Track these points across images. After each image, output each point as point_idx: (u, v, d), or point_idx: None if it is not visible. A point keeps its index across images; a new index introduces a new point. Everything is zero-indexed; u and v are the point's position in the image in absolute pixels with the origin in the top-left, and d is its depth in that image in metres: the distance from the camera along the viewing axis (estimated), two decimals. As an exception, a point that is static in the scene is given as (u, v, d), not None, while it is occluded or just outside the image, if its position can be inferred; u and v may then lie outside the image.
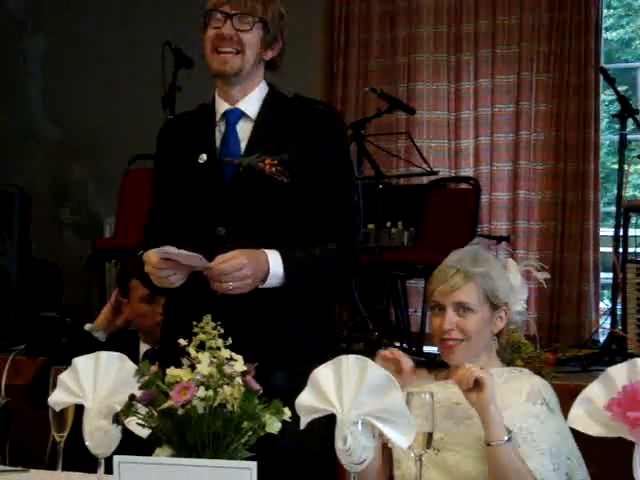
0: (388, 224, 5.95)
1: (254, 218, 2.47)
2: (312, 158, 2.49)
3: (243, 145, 2.52)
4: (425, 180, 6.17)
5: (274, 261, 2.38)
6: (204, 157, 2.52)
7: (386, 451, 2.41)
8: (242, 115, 2.55)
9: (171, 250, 2.30)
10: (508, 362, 2.59)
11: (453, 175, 6.62)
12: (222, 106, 2.57)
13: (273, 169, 2.45)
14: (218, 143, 2.54)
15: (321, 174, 2.49)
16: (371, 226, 5.41)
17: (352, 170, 2.65)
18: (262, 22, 2.50)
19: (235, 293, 2.34)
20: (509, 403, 2.36)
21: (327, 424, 1.84)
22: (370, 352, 4.60)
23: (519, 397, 2.38)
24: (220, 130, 2.55)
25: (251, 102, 2.55)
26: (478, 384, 2.25)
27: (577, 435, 2.17)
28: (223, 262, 2.32)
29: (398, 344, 5.08)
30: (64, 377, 2.03)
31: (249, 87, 2.55)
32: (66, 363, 2.06)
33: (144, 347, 3.32)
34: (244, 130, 2.54)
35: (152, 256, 2.34)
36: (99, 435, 1.99)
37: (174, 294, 2.54)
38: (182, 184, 2.56)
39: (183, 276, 2.36)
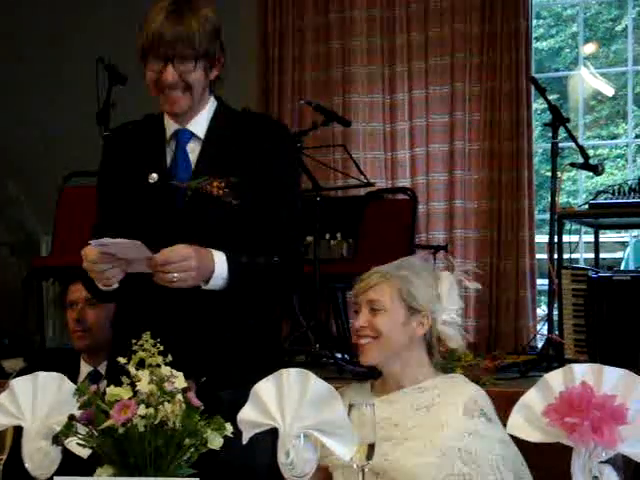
0: (327, 236, 5.96)
1: (205, 242, 2.38)
2: (262, 177, 2.43)
3: (193, 166, 2.46)
4: (362, 192, 6.19)
5: (219, 261, 2.32)
6: (155, 177, 2.45)
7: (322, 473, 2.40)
8: (192, 136, 2.49)
9: (108, 240, 2.23)
10: (445, 371, 2.60)
11: (390, 186, 6.65)
12: (172, 125, 2.51)
13: (221, 191, 2.39)
14: (169, 162, 2.48)
15: (269, 191, 2.44)
16: (310, 238, 5.41)
17: (298, 185, 2.60)
18: (204, 55, 2.40)
19: (177, 286, 2.26)
20: (446, 421, 2.37)
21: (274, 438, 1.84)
22: (312, 365, 4.63)
23: (456, 412, 2.39)
24: (171, 149, 2.49)
25: (200, 122, 2.49)
26: None
27: (518, 441, 2.19)
28: (169, 252, 2.25)
29: (339, 355, 5.09)
30: (2, 399, 2.01)
31: (198, 109, 2.49)
32: None
33: (86, 368, 3.29)
34: (194, 150, 2.48)
35: (90, 251, 2.26)
36: (39, 457, 1.96)
37: (123, 312, 2.51)
38: (132, 203, 2.49)
39: (120, 271, 2.27)
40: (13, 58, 7.20)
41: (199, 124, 2.50)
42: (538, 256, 6.44)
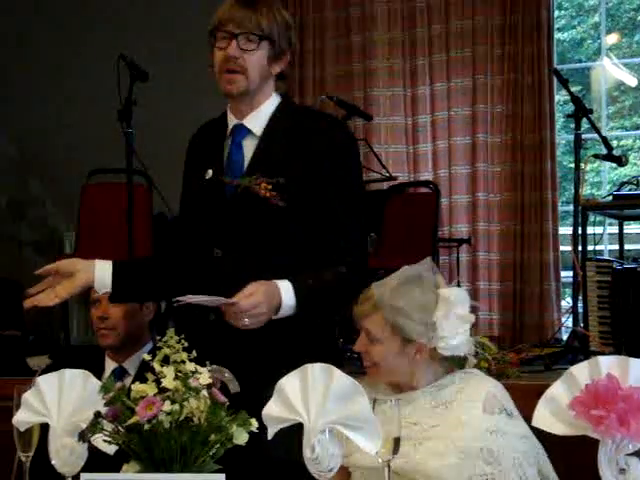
0: (349, 230, 5.95)
1: (250, 241, 2.43)
2: (313, 178, 2.42)
3: (247, 163, 2.48)
4: (385, 185, 6.19)
5: (286, 293, 2.36)
6: (210, 173, 2.50)
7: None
8: (248, 132, 2.50)
9: (195, 298, 2.32)
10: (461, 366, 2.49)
11: (412, 180, 6.64)
12: (231, 121, 2.54)
13: (268, 193, 2.40)
14: (225, 158, 2.51)
15: (323, 194, 2.43)
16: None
17: (357, 186, 2.55)
18: (268, 39, 2.45)
19: (250, 328, 2.34)
20: (467, 419, 2.32)
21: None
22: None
23: (476, 410, 2.33)
24: (229, 145, 2.52)
25: (258, 118, 2.50)
26: None
27: (544, 434, 2.17)
28: (240, 299, 2.30)
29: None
30: (28, 396, 2.02)
31: (258, 102, 2.50)
32: None
33: (110, 364, 3.30)
34: (249, 147, 2.50)
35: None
36: (65, 453, 1.97)
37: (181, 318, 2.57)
38: (191, 199, 2.58)
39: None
40: (32, 57, 7.23)
41: (257, 120, 2.50)
42: (562, 248, 6.42)
